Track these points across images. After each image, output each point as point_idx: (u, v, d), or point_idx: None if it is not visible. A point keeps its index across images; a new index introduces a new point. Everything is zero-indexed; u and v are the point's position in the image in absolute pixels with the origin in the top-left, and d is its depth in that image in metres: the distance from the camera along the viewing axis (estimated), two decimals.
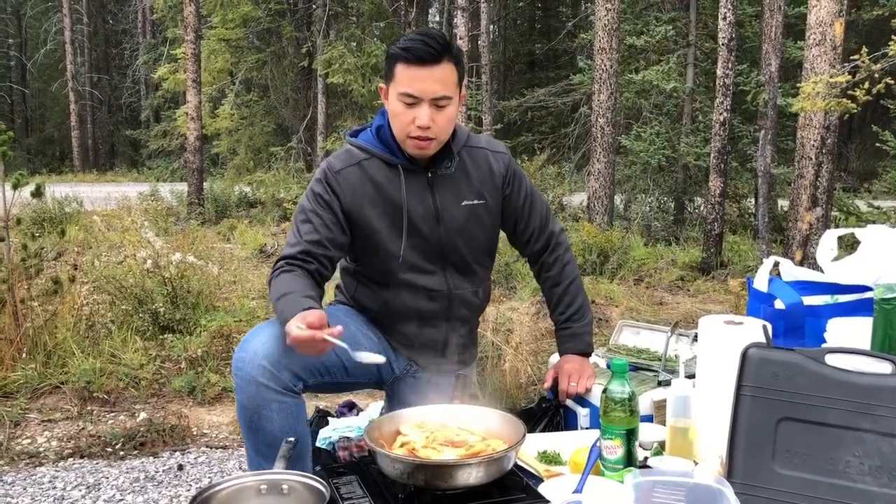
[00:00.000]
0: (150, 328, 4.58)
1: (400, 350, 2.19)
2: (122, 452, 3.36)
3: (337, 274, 2.23)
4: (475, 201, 2.11)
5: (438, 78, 1.92)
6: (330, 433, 2.50)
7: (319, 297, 1.96)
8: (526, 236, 2.27)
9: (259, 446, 1.92)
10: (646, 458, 1.70)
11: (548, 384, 2.27)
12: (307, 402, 3.21)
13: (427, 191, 2.06)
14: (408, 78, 1.92)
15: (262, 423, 1.87)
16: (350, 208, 2.03)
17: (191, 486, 3.06)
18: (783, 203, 10.62)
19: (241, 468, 3.17)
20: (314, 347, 1.71)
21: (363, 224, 2.04)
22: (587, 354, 2.30)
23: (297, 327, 1.69)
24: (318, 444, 2.48)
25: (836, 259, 2.16)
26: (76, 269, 4.74)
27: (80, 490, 3.01)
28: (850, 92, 5.05)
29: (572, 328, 2.29)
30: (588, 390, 2.16)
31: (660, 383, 2.37)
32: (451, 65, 1.94)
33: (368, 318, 2.20)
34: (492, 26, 24.70)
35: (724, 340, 1.71)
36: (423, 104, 1.92)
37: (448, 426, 1.78)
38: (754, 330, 1.68)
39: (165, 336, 4.47)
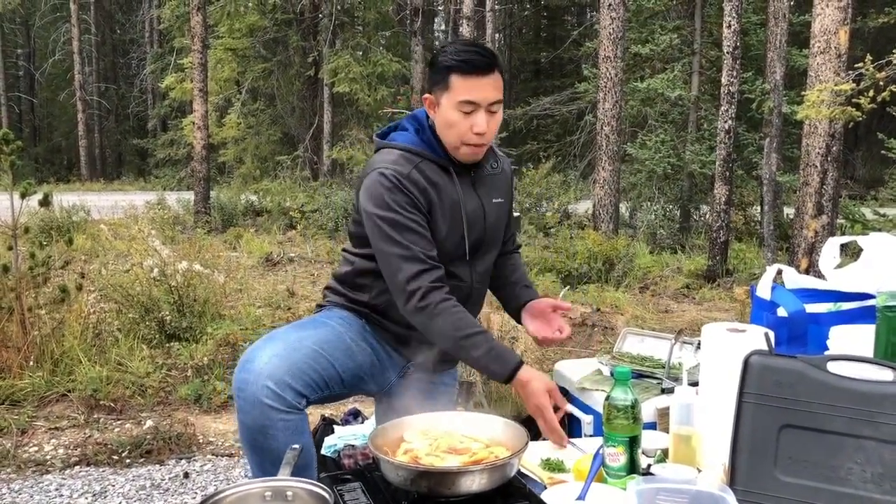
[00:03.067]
0: (157, 336, 4.60)
1: (399, 350, 2.16)
2: (128, 460, 3.38)
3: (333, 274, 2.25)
4: (501, 200, 2.20)
5: (493, 85, 1.99)
6: (335, 441, 2.51)
7: None
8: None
9: (264, 464, 1.91)
10: (649, 466, 1.70)
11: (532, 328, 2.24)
12: (314, 412, 3.20)
13: (472, 189, 2.12)
14: (467, 87, 1.96)
15: (268, 443, 1.87)
16: (427, 208, 2.03)
17: (196, 493, 3.07)
18: (789, 211, 10.61)
19: (246, 476, 3.18)
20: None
21: (431, 222, 2.04)
22: None
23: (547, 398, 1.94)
24: (323, 451, 2.49)
25: (839, 267, 2.16)
26: (83, 277, 4.76)
27: (87, 498, 3.03)
28: (854, 100, 5.06)
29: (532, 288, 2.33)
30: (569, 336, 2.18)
31: (663, 391, 2.38)
32: (499, 73, 2.02)
33: (367, 322, 2.16)
34: (497, 35, 24.78)
35: (726, 348, 1.71)
36: (480, 111, 1.98)
37: (452, 433, 1.79)
38: (757, 337, 1.68)
39: (172, 344, 4.48)
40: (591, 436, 2.39)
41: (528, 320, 2.23)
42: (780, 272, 2.20)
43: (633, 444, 1.60)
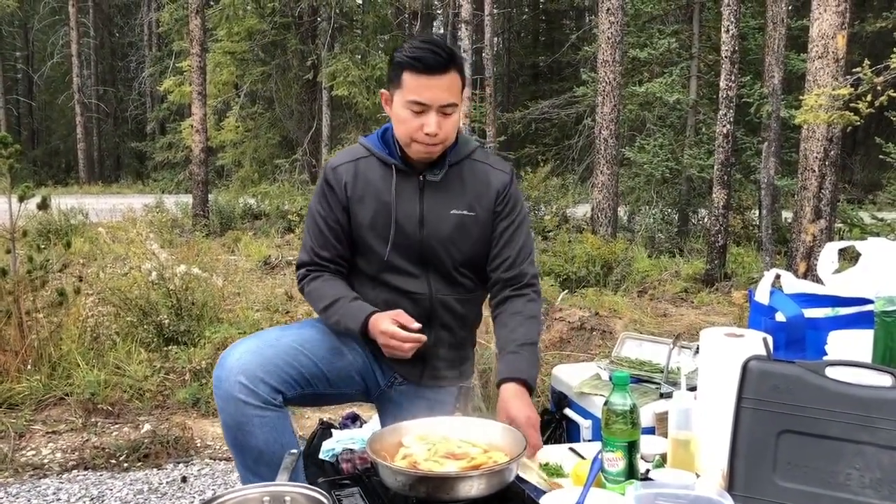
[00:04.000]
0: (155, 340, 4.59)
1: (383, 361, 2.13)
2: (126, 464, 3.37)
3: None
4: (464, 211, 2.09)
5: (446, 86, 1.95)
6: (333, 445, 2.50)
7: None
8: (496, 262, 2.15)
9: (247, 462, 1.92)
10: (647, 471, 1.70)
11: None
12: (312, 416, 3.19)
13: (416, 194, 2.07)
14: (417, 86, 1.94)
15: (247, 440, 1.87)
16: (349, 200, 2.09)
17: (194, 498, 3.06)
18: (787, 215, 10.63)
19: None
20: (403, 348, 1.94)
21: (353, 219, 2.09)
22: (530, 387, 2.00)
23: (391, 323, 1.94)
24: (321, 455, 2.48)
25: (837, 271, 2.16)
26: (81, 280, 4.76)
27: (85, 502, 3.02)
28: (852, 104, 5.07)
29: (521, 353, 2.03)
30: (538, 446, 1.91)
31: (662, 395, 2.38)
32: (456, 73, 1.98)
33: None
34: (496, 39, 24.81)
35: (724, 353, 1.71)
36: (431, 112, 1.95)
37: (450, 438, 1.79)
38: (755, 342, 1.68)
39: (170, 348, 4.48)
40: (589, 440, 2.38)
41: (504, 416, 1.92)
42: (778, 277, 2.20)
43: (631, 448, 1.60)
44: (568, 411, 2.64)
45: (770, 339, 1.66)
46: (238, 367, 1.86)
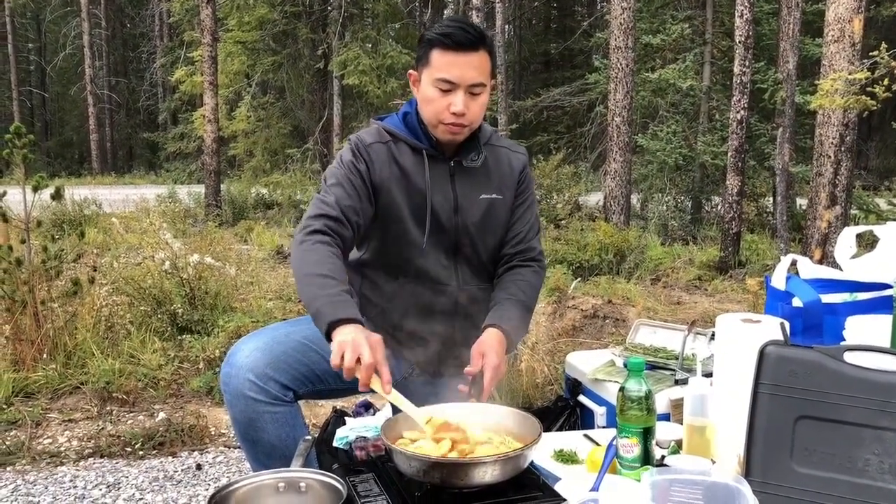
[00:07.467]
0: (169, 329, 4.61)
1: (399, 353, 2.10)
2: (141, 452, 3.39)
3: None
4: (493, 195, 2.08)
5: (475, 65, 1.92)
6: (347, 433, 2.51)
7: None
8: (507, 237, 2.16)
9: (258, 456, 1.91)
10: (663, 457, 1.69)
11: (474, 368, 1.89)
12: (326, 404, 3.19)
13: (448, 180, 2.04)
14: (445, 64, 1.91)
15: (259, 435, 1.86)
16: (378, 182, 2.00)
17: (209, 485, 3.08)
18: (802, 202, 10.55)
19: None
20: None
21: (389, 204, 2.01)
22: (510, 341, 1.96)
23: (364, 346, 1.63)
24: (335, 443, 2.49)
25: (854, 257, 2.14)
26: (95, 270, 4.77)
27: (101, 489, 3.04)
28: (869, 89, 5.02)
29: (513, 309, 2.01)
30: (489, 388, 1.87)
31: (677, 382, 2.37)
32: (485, 53, 1.94)
33: (367, 320, 2.06)
34: (507, 26, 24.67)
35: (741, 338, 1.69)
36: (458, 90, 1.91)
37: (462, 424, 1.78)
38: (772, 328, 1.67)
39: (183, 337, 4.50)
40: (604, 427, 2.38)
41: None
42: (794, 262, 2.18)
43: (646, 435, 1.59)
44: (582, 398, 2.63)
45: (787, 325, 1.65)
46: (247, 365, 1.84)
